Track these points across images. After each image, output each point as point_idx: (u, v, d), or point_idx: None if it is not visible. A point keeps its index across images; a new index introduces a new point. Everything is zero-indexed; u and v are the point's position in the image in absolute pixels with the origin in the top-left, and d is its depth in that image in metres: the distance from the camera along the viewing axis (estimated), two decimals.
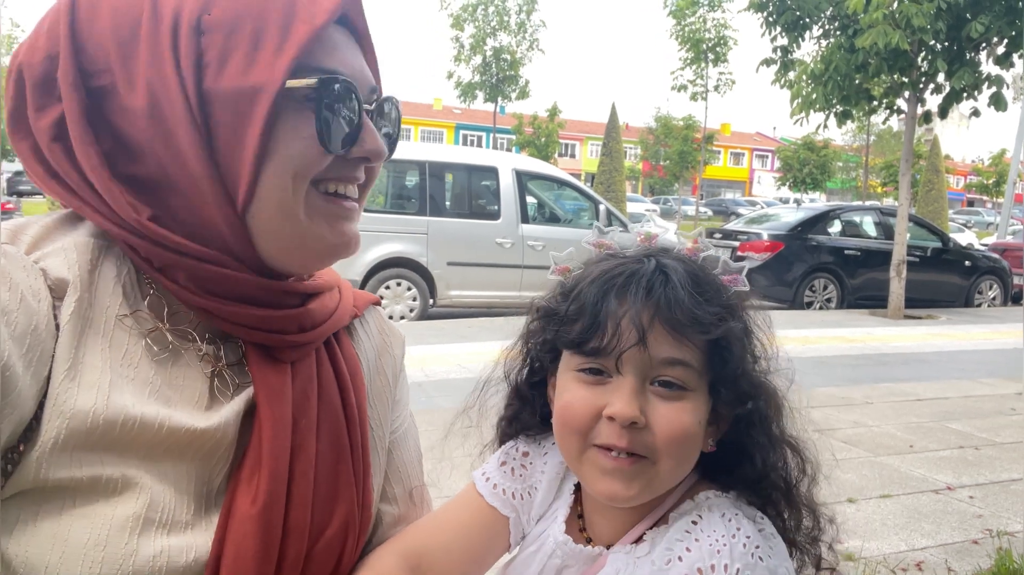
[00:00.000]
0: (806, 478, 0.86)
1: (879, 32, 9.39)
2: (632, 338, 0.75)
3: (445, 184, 9.88)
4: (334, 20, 0.78)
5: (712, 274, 0.82)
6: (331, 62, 0.78)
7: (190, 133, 0.73)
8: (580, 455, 0.80)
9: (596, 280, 0.79)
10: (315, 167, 0.78)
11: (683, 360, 0.76)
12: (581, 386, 0.79)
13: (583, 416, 0.78)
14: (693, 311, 0.75)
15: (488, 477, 0.93)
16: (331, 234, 0.81)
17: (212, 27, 0.73)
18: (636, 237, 0.88)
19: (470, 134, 61.96)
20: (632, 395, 0.75)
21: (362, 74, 0.82)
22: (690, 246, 0.85)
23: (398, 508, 0.95)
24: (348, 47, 0.81)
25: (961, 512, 3.85)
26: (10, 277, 0.67)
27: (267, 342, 0.81)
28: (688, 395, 0.77)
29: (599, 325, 0.77)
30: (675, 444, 0.76)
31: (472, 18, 28.96)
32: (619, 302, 0.77)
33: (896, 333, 9.63)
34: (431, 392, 5.73)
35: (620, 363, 0.76)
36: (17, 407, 0.64)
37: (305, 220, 0.79)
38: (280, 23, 0.75)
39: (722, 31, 25.12)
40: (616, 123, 27.12)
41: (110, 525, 0.67)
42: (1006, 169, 33.64)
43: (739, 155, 73.72)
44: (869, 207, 14.38)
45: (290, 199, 0.77)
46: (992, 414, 5.86)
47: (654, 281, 0.77)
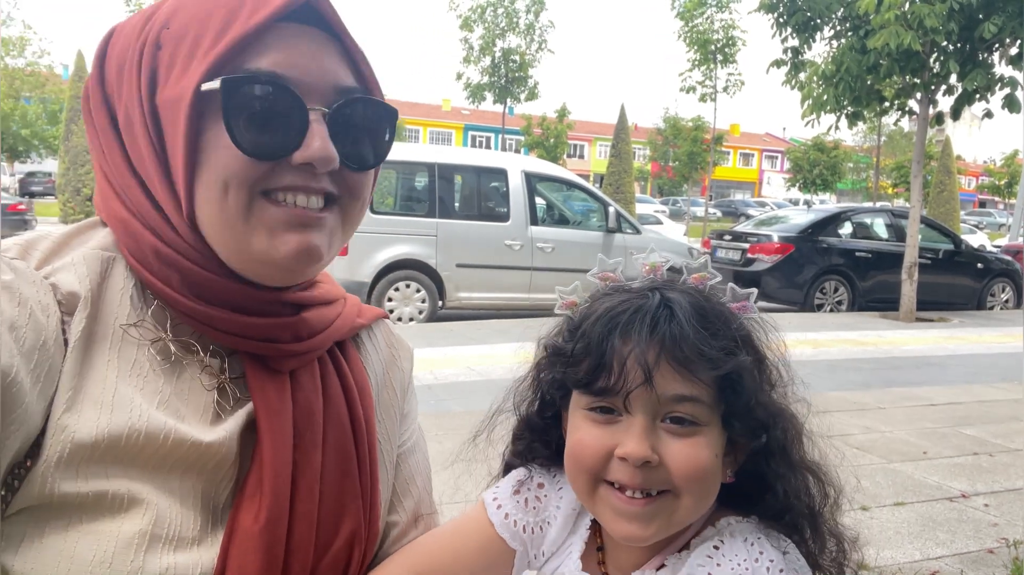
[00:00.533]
0: (829, 502, 0.84)
1: (891, 33, 9.33)
2: (638, 378, 0.74)
3: (454, 186, 9.87)
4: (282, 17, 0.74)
5: (720, 304, 0.80)
6: (267, 63, 0.73)
7: (147, 145, 0.75)
8: (593, 493, 0.79)
9: (601, 318, 0.78)
10: (248, 175, 0.73)
11: (692, 396, 0.74)
12: (591, 425, 0.78)
13: (594, 456, 0.77)
14: (699, 347, 0.74)
15: (500, 505, 0.90)
16: (272, 245, 0.75)
17: (167, 40, 0.75)
18: (642, 267, 0.86)
19: (479, 135, 62.02)
20: (643, 434, 0.74)
21: (320, 74, 0.76)
22: (696, 276, 0.83)
23: (405, 522, 0.94)
24: (311, 45, 0.76)
25: (976, 520, 3.81)
26: (20, 292, 0.67)
27: (260, 351, 0.80)
28: (701, 430, 0.76)
29: (605, 365, 0.75)
30: (693, 480, 0.75)
31: (481, 19, 28.96)
32: (624, 341, 0.75)
33: (908, 336, 9.57)
34: (440, 395, 5.72)
35: (628, 403, 0.75)
36: (24, 423, 0.64)
37: (244, 229, 0.75)
38: (219, 27, 0.73)
39: (730, 32, 25.03)
40: (625, 124, 27.08)
41: (116, 542, 0.67)
42: (1018, 170, 33.43)
43: (749, 156, 73.52)
44: (880, 209, 14.32)
45: (224, 208, 0.74)
46: (1006, 419, 5.80)
47: (659, 317, 0.75)
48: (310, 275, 0.82)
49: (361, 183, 0.81)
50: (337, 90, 0.77)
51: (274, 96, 0.73)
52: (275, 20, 0.74)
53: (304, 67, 0.75)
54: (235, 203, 0.74)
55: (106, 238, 0.79)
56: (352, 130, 0.78)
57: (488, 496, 0.92)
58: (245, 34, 0.72)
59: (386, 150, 0.83)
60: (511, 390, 0.92)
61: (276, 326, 0.80)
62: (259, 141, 0.73)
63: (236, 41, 0.72)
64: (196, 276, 0.76)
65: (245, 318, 0.78)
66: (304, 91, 0.74)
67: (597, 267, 0.88)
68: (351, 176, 0.79)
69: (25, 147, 33.31)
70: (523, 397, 0.90)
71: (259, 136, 0.73)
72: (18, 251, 0.74)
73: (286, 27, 0.75)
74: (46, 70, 32.78)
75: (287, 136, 0.74)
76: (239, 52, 0.73)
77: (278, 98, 0.73)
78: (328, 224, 0.78)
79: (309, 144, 0.74)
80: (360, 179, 0.81)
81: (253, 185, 0.74)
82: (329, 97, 0.76)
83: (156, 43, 0.75)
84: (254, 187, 0.74)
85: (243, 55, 0.73)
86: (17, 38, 31.29)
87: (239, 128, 0.72)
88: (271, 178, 0.74)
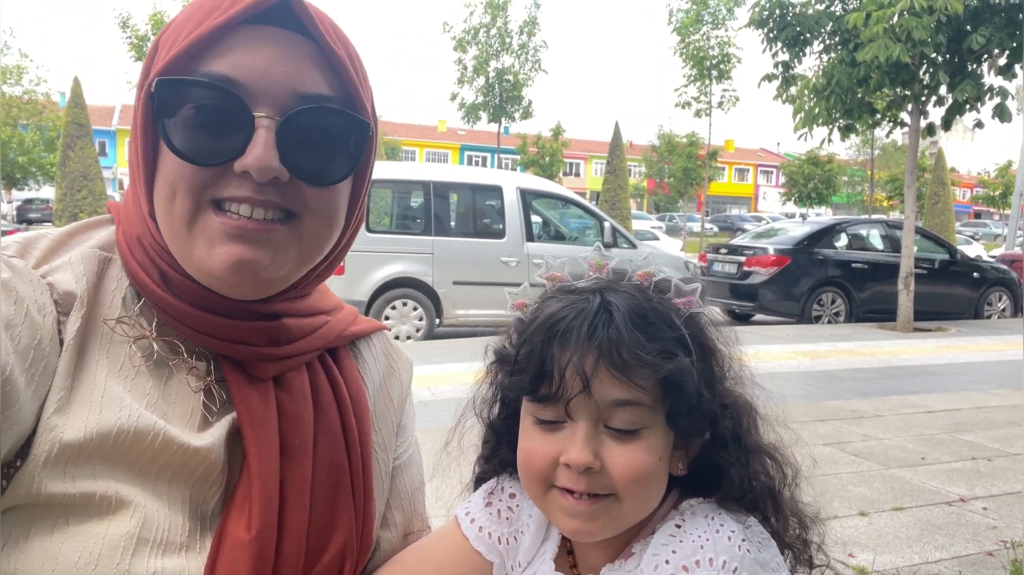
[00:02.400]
0: (787, 482, 0.85)
1: (880, 46, 9.41)
2: (577, 386, 0.74)
3: (450, 204, 9.91)
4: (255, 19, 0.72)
5: (662, 302, 0.80)
6: (223, 65, 0.71)
7: (133, 138, 0.76)
8: (544, 497, 0.80)
9: (542, 324, 0.78)
10: (192, 181, 0.71)
11: (632, 400, 0.75)
12: (538, 433, 0.79)
13: (542, 463, 0.78)
14: (636, 351, 0.74)
15: (473, 518, 0.90)
16: (208, 254, 0.72)
17: (163, 41, 0.76)
18: (587, 265, 0.85)
19: (475, 154, 62.20)
20: (585, 441, 0.75)
21: (280, 79, 0.72)
22: (641, 273, 0.83)
23: (398, 535, 0.93)
24: (277, 48, 0.72)
25: (975, 524, 3.80)
26: (16, 291, 0.67)
27: (237, 354, 0.79)
28: (642, 433, 0.76)
29: (546, 373, 0.76)
30: (633, 484, 0.76)
31: (475, 40, 29.19)
32: (562, 348, 0.75)
33: (905, 346, 9.56)
34: (438, 411, 5.71)
35: (570, 410, 0.76)
36: (17, 422, 0.64)
37: (187, 235, 0.73)
38: (190, 27, 0.73)
39: (725, 48, 25.22)
40: (620, 141, 27.19)
41: (102, 544, 0.66)
42: (1012, 180, 33.53)
43: (744, 171, 73.75)
44: (875, 220, 14.34)
45: (171, 212, 0.73)
46: (1004, 425, 5.79)
47: (597, 322, 0.75)
48: (260, 290, 0.77)
49: (322, 200, 0.76)
50: (298, 97, 0.72)
51: (216, 100, 0.70)
52: (242, 22, 0.72)
53: (262, 71, 0.71)
54: (180, 209, 0.72)
55: (105, 238, 0.79)
56: (311, 141, 0.73)
57: (461, 511, 0.91)
58: (202, 35, 0.71)
59: (352, 166, 0.77)
60: (473, 396, 0.91)
61: (250, 329, 0.78)
62: (196, 146, 0.70)
63: (194, 42, 0.71)
64: (170, 275, 0.76)
65: (215, 318, 0.76)
66: (257, 97, 0.71)
67: (544, 268, 0.87)
68: (310, 192, 0.74)
69: (22, 174, 33.40)
70: (484, 402, 0.90)
71: (198, 141, 0.70)
72: (17, 249, 0.74)
73: (257, 29, 0.72)
74: (43, 98, 32.90)
75: (228, 142, 0.70)
76: (197, 53, 0.71)
77: (221, 103, 0.70)
78: (277, 239, 0.73)
79: (249, 151, 0.70)
80: (321, 195, 0.76)
81: (199, 192, 0.72)
82: (287, 104, 0.72)
83: (157, 44, 0.76)
84: (201, 195, 0.72)
85: (203, 57, 0.71)
86: (14, 66, 31.46)
87: (176, 132, 0.70)
88: (217, 187, 0.71)
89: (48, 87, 33.24)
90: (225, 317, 0.77)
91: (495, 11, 28.76)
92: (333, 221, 0.80)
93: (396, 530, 0.93)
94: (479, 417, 0.91)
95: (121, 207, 0.81)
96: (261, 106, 0.71)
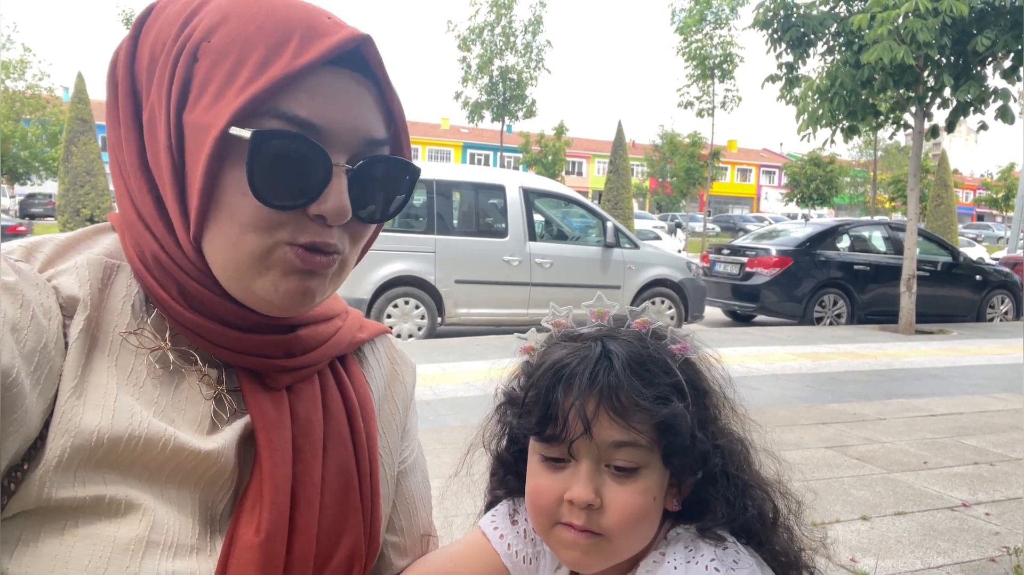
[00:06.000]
0: (781, 515, 0.89)
1: (884, 47, 9.40)
2: (579, 429, 0.80)
3: (452, 202, 9.91)
4: (330, 62, 0.72)
5: (659, 348, 0.85)
6: (304, 109, 0.71)
7: (166, 156, 0.73)
8: (549, 532, 0.85)
9: (548, 370, 0.83)
10: (266, 223, 0.72)
11: (630, 442, 0.80)
12: (545, 471, 0.84)
13: (548, 501, 0.83)
14: (634, 397, 0.79)
15: (503, 534, 0.94)
16: (275, 286, 0.74)
17: (205, 54, 0.72)
18: (589, 314, 0.91)
19: (477, 153, 62.26)
20: (588, 479, 0.80)
21: (353, 125, 0.74)
22: (639, 321, 0.88)
23: (404, 539, 0.94)
24: (349, 94, 0.74)
25: (977, 529, 3.79)
26: (22, 294, 0.67)
27: (254, 366, 0.79)
28: (641, 472, 0.81)
29: (551, 416, 0.81)
30: (627, 523, 0.81)
31: (479, 39, 29.19)
32: (566, 392, 0.81)
33: (908, 348, 9.56)
34: (439, 410, 5.71)
35: (573, 450, 0.81)
36: (23, 424, 0.64)
37: (254, 267, 0.73)
38: (263, 57, 0.70)
39: (728, 48, 25.20)
40: (623, 140, 27.19)
41: (112, 547, 0.66)
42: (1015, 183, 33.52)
43: (746, 171, 73.75)
44: (878, 222, 14.35)
45: (238, 246, 0.73)
46: (1007, 429, 5.78)
47: (598, 369, 0.81)
48: (298, 314, 0.80)
49: (363, 233, 0.80)
50: (366, 142, 0.75)
51: (302, 150, 0.71)
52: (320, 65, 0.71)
53: (339, 118, 0.73)
54: (253, 246, 0.72)
55: (113, 244, 0.79)
56: (371, 185, 0.77)
57: (488, 526, 0.94)
58: (285, 75, 0.69)
59: (399, 208, 0.82)
60: (482, 427, 0.96)
61: (268, 343, 0.79)
62: (279, 193, 0.71)
63: (275, 82, 0.69)
64: (191, 289, 0.76)
65: (237, 333, 0.77)
66: (332, 142, 0.73)
67: (550, 314, 0.93)
68: (356, 226, 0.78)
69: (25, 169, 33.43)
70: (492, 434, 0.95)
71: (279, 188, 0.71)
72: (22, 253, 0.74)
73: (330, 71, 0.72)
74: (46, 92, 32.97)
75: (307, 188, 0.72)
76: (275, 92, 0.70)
77: (305, 152, 0.71)
78: (330, 271, 0.78)
79: (326, 198, 0.72)
80: (364, 229, 0.80)
81: (272, 232, 0.72)
82: (356, 149, 0.75)
83: (194, 54, 0.72)
84: (273, 235, 0.72)
85: (280, 96, 0.70)
86: (17, 61, 31.53)
87: (262, 180, 0.70)
88: (289, 229, 0.73)
89: (51, 82, 33.33)
90: (244, 331, 0.78)
91: (500, 10, 28.75)
92: (364, 248, 0.84)
93: (403, 536, 0.93)
94: (487, 449, 0.97)
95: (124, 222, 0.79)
96: (337, 152, 0.73)
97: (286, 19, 0.72)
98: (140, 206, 0.77)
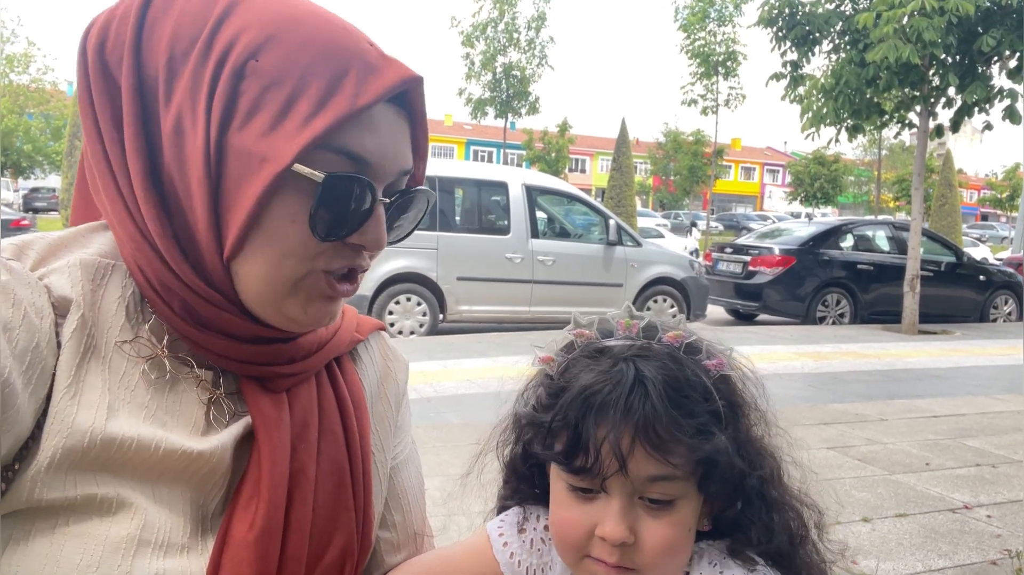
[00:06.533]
0: (808, 532, 0.85)
1: (889, 46, 9.37)
2: (613, 465, 0.74)
3: (455, 199, 9.90)
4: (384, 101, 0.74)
5: (695, 368, 0.79)
6: (359, 145, 0.73)
7: (201, 173, 0.71)
8: (577, 564, 0.81)
9: (577, 396, 0.77)
10: (309, 251, 0.74)
11: (667, 475, 0.75)
12: (572, 502, 0.79)
13: (577, 535, 0.79)
14: (673, 431, 0.74)
15: (507, 542, 0.89)
16: (305, 309, 0.77)
17: (254, 74, 0.70)
18: (616, 323, 0.85)
19: (481, 149, 62.26)
20: (620, 516, 0.76)
21: (394, 158, 0.77)
22: (672, 335, 0.82)
23: (396, 536, 0.93)
24: (392, 128, 0.76)
25: (979, 532, 3.78)
26: (14, 293, 0.67)
27: (257, 374, 0.80)
28: (676, 504, 0.77)
29: (582, 447, 0.76)
30: (662, 558, 0.77)
31: (483, 36, 29.15)
32: (598, 424, 0.75)
33: (911, 348, 9.54)
34: (440, 407, 5.70)
35: (605, 486, 0.76)
36: (15, 424, 0.63)
37: (286, 292, 0.75)
38: (322, 92, 0.70)
39: (731, 46, 25.15)
40: (626, 138, 27.17)
41: (104, 546, 0.66)
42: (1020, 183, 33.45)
43: (750, 170, 73.68)
44: (882, 221, 14.32)
45: (277, 270, 0.74)
46: (1009, 431, 5.77)
47: (633, 398, 0.75)
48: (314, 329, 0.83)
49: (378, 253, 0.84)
50: (401, 173, 0.79)
51: (356, 187, 0.73)
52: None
53: (387, 153, 0.76)
54: (291, 272, 0.74)
55: (107, 244, 0.78)
56: (402, 215, 0.83)
57: (493, 531, 0.90)
58: (347, 115, 0.70)
59: (415, 227, 0.87)
60: (492, 434, 0.92)
61: (271, 352, 0.80)
62: (331, 227, 0.73)
63: (337, 120, 0.70)
64: (200, 307, 0.75)
65: (240, 344, 0.78)
66: (376, 176, 0.75)
67: (572, 324, 0.87)
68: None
69: (28, 163, 33.51)
70: (505, 441, 0.91)
71: (332, 222, 0.73)
72: (13, 252, 0.73)
73: (380, 108, 0.74)
74: (50, 86, 33.03)
75: (352, 221, 0.75)
76: (336, 130, 0.71)
77: (359, 188, 0.74)
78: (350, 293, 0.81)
79: (366, 230, 0.76)
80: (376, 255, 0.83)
81: (313, 260, 0.74)
82: (392, 180, 0.78)
83: (239, 71, 0.70)
84: (314, 262, 0.75)
85: (338, 132, 0.71)
86: (21, 54, 31.58)
87: (319, 216, 0.72)
88: (328, 257, 0.75)
89: (55, 76, 33.36)
90: (247, 343, 0.78)
91: (503, 6, 28.71)
92: None
93: (395, 532, 0.93)
94: (499, 456, 0.93)
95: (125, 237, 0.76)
96: (379, 184, 0.76)
97: (340, 49, 0.73)
98: (147, 222, 0.73)
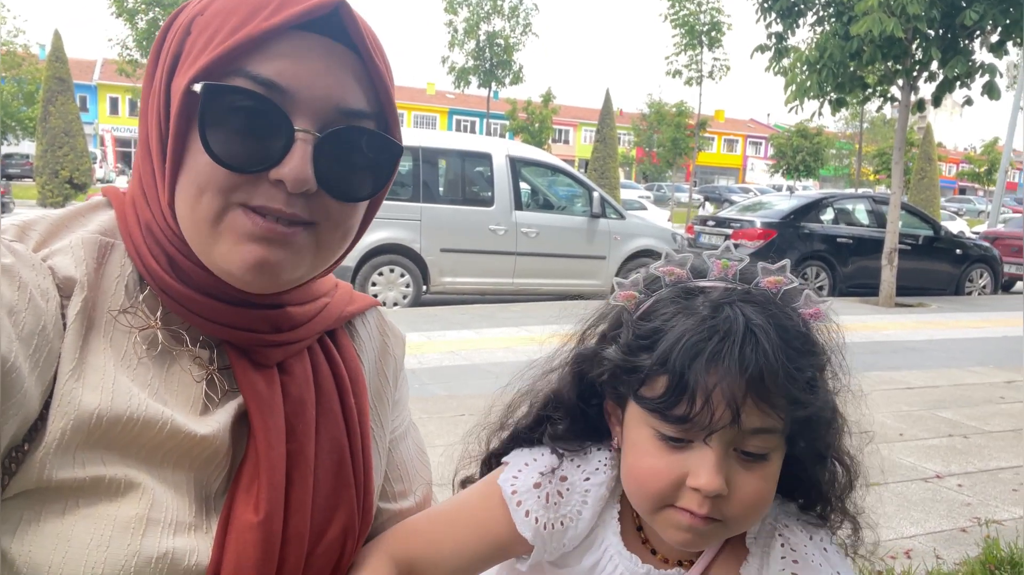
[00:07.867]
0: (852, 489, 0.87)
1: (874, 20, 9.36)
2: (726, 417, 0.71)
3: (438, 170, 9.84)
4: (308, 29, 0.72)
5: (798, 319, 0.77)
6: (272, 70, 0.70)
7: (155, 124, 0.75)
8: (655, 513, 0.78)
9: (682, 342, 0.73)
10: (222, 184, 0.71)
11: (771, 428, 0.74)
12: (661, 451, 0.76)
13: (664, 485, 0.76)
14: (787, 385, 0.72)
15: (520, 501, 0.85)
16: (232, 252, 0.73)
17: (196, 26, 0.74)
18: (712, 264, 0.81)
19: (463, 119, 61.68)
20: (718, 467, 0.73)
21: (324, 90, 0.72)
22: (771, 280, 0.80)
23: (397, 505, 0.95)
24: (322, 59, 0.72)
25: (950, 500, 3.89)
26: (19, 276, 0.67)
27: (241, 341, 0.79)
28: (770, 457, 0.76)
29: (688, 396, 0.72)
30: (752, 511, 0.76)
31: (466, 3, 28.76)
32: (709, 373, 0.71)
33: (887, 321, 9.67)
34: (424, 379, 5.73)
35: (709, 437, 0.73)
36: (23, 407, 0.64)
37: (210, 233, 0.73)
38: (238, 22, 0.71)
39: (716, 16, 24.98)
40: (610, 109, 27.02)
41: (113, 525, 0.67)
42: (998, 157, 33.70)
43: (733, 142, 73.64)
44: (861, 195, 14.40)
45: (196, 210, 0.73)
46: (982, 402, 5.90)
47: (747, 348, 0.71)
48: (273, 289, 0.78)
49: (344, 213, 0.78)
50: (341, 112, 0.73)
51: (259, 110, 0.70)
52: (292, 27, 0.71)
53: (307, 83, 0.71)
54: (207, 208, 0.72)
55: (106, 222, 0.79)
56: (345, 158, 0.74)
57: (507, 488, 0.86)
58: (252, 37, 0.69)
59: (380, 186, 0.80)
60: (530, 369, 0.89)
61: (255, 317, 0.79)
62: (234, 153, 0.70)
63: (241, 42, 0.70)
64: (179, 260, 0.76)
65: (224, 306, 0.77)
66: (300, 108, 0.71)
67: (663, 261, 0.83)
68: (333, 204, 0.76)
69: (1, 128, 32.79)
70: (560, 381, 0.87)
71: (236, 148, 0.70)
72: (15, 233, 0.74)
73: (304, 36, 0.72)
74: (22, 50, 32.20)
75: (266, 151, 0.71)
76: (244, 54, 0.70)
77: (265, 112, 0.70)
78: (297, 243, 0.75)
79: (286, 163, 0.71)
80: (344, 209, 0.77)
81: (228, 194, 0.72)
82: (329, 118, 0.73)
83: (188, 28, 0.74)
84: (229, 196, 0.72)
85: (248, 57, 0.70)
86: None
87: (215, 137, 0.70)
88: (247, 192, 0.72)
89: (27, 39, 32.57)
90: (230, 304, 0.78)
91: None
92: (349, 232, 0.81)
93: (396, 500, 0.95)
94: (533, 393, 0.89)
95: (126, 193, 0.80)
96: (302, 118, 0.72)
97: None
98: (142, 176, 0.78)
